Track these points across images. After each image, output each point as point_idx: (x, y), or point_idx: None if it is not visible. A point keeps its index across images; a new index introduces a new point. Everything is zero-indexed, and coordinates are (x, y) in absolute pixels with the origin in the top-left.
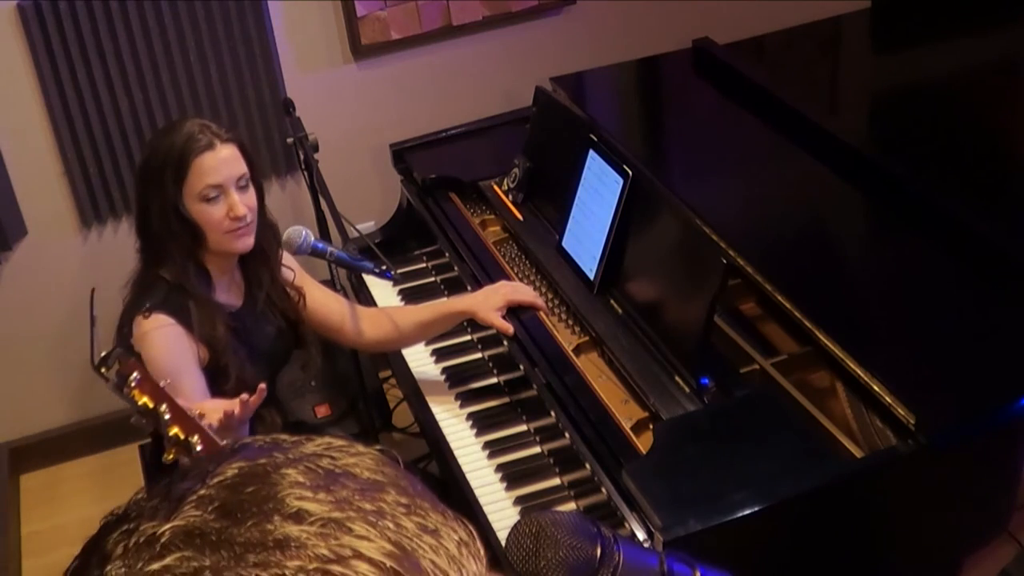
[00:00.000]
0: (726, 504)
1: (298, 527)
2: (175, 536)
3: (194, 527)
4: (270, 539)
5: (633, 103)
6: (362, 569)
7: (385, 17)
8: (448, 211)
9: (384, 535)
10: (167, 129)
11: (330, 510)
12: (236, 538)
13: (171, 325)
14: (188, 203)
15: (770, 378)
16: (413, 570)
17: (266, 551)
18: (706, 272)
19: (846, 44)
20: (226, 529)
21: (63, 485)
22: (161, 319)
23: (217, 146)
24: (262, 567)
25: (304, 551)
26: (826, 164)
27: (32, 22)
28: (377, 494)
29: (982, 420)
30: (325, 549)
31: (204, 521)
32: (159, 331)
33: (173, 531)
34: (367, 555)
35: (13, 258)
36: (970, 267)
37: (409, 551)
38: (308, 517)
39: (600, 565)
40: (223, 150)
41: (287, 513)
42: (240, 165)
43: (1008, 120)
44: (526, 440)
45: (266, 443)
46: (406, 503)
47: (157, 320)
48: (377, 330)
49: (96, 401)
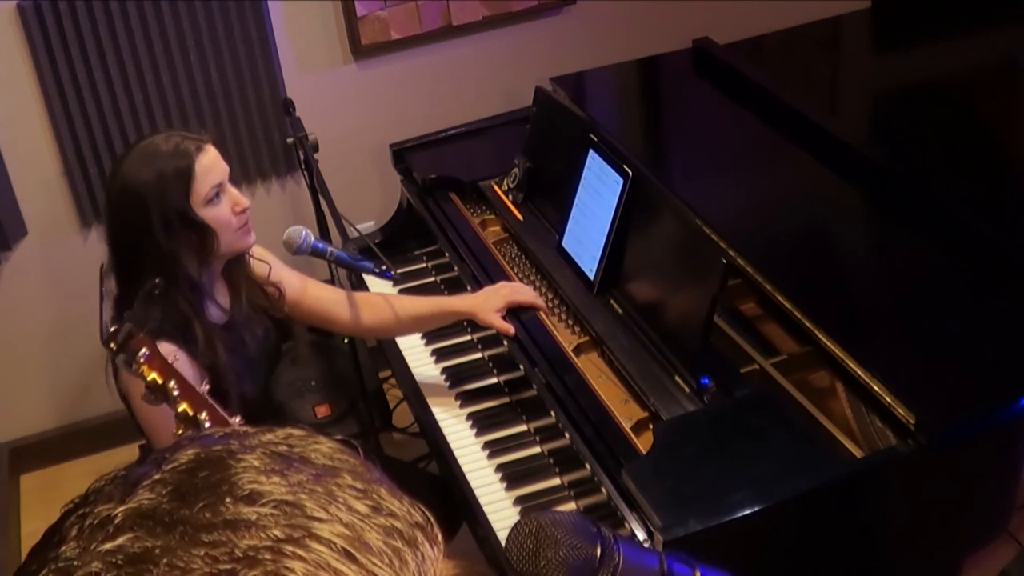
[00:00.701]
0: (726, 504)
1: (250, 508)
2: (128, 517)
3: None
4: (221, 519)
5: (633, 103)
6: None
7: (385, 17)
8: (448, 211)
9: (336, 517)
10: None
11: (283, 492)
12: (188, 519)
13: (176, 351)
14: (197, 211)
15: (770, 378)
16: (364, 550)
17: (217, 531)
18: (706, 272)
19: (846, 44)
20: (178, 510)
21: (63, 485)
22: (168, 348)
23: (204, 148)
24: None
25: (256, 531)
26: (826, 164)
27: (32, 22)
28: (331, 479)
29: (982, 420)
30: (277, 529)
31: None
32: None
33: (126, 513)
34: (319, 534)
35: (13, 258)
36: (970, 267)
37: (360, 531)
38: (260, 499)
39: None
40: (210, 150)
41: (240, 495)
42: (224, 161)
43: (1008, 120)
44: (526, 440)
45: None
46: (361, 487)
47: (164, 349)
48: (374, 316)
49: (96, 401)
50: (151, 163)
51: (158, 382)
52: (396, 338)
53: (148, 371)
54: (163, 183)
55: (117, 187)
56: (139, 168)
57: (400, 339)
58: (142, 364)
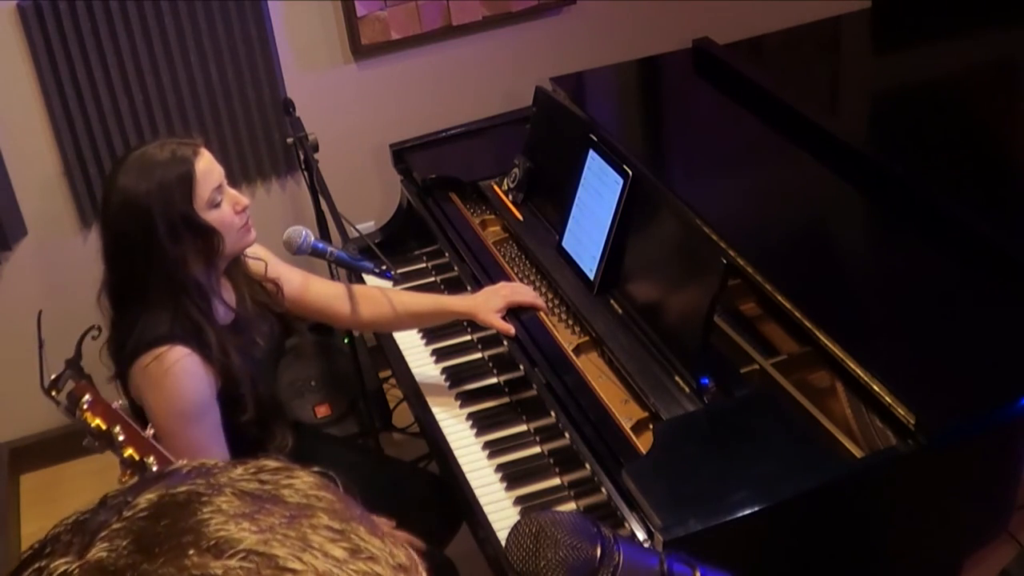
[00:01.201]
0: (726, 504)
1: (217, 561)
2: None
3: (106, 564)
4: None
5: (633, 103)
6: None
7: (385, 17)
8: (448, 211)
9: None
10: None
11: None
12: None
13: (191, 355)
14: (202, 214)
15: (770, 378)
16: None
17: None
18: (706, 272)
19: (846, 44)
20: (139, 565)
21: (63, 485)
22: (180, 350)
23: (199, 152)
24: None
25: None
26: (826, 164)
27: (32, 22)
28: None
29: (982, 420)
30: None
31: (116, 556)
32: (183, 362)
33: (83, 568)
34: None
35: (13, 258)
36: (970, 267)
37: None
38: (229, 549)
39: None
40: (204, 153)
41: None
42: (217, 163)
43: (1008, 120)
44: (526, 440)
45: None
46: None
47: (177, 351)
48: (373, 310)
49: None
50: (150, 173)
51: (102, 428)
52: (396, 339)
53: (92, 417)
54: (166, 191)
55: (117, 201)
56: (138, 180)
57: (400, 339)
58: (85, 411)
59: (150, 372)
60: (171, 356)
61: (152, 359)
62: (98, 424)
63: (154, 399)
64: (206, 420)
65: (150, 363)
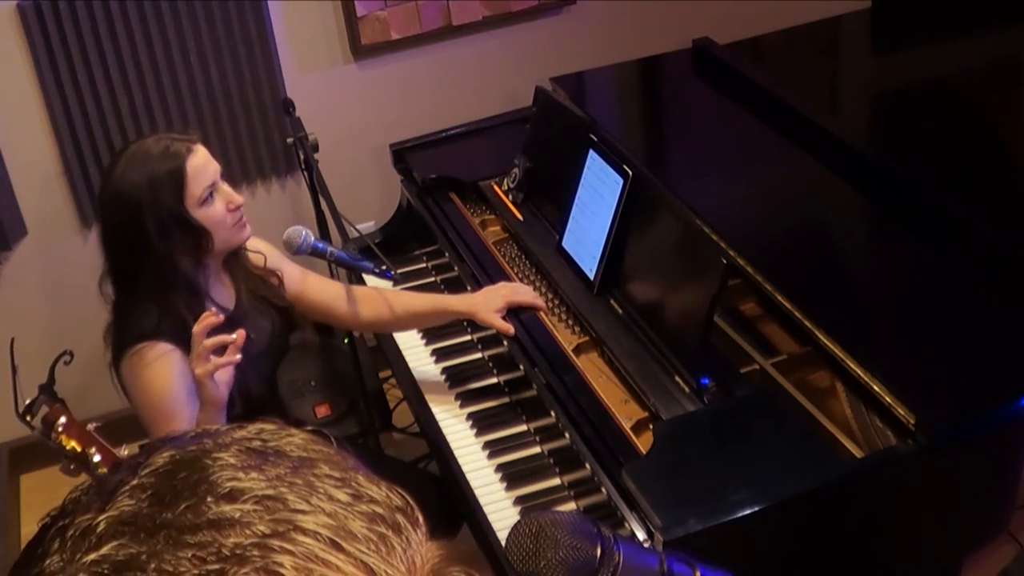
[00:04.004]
0: (726, 504)
1: (232, 506)
2: (110, 526)
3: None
4: (205, 519)
5: (633, 103)
6: (300, 540)
7: (385, 17)
8: (448, 211)
9: (319, 507)
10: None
11: (263, 487)
12: (171, 522)
13: (172, 351)
14: (192, 211)
15: (770, 378)
16: (350, 538)
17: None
18: (706, 272)
19: (846, 44)
20: (160, 514)
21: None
22: (163, 347)
23: (194, 148)
24: (199, 547)
25: (240, 528)
26: (826, 164)
27: (32, 22)
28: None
29: (982, 420)
30: (262, 525)
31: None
32: (163, 359)
33: (108, 521)
34: (303, 526)
35: (13, 258)
36: (970, 267)
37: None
38: (241, 496)
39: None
40: (200, 150)
41: (220, 494)
42: (214, 160)
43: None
44: (526, 440)
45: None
46: (338, 476)
47: (158, 348)
48: (373, 310)
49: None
50: (142, 166)
51: (77, 450)
52: (396, 339)
53: (67, 440)
54: (155, 186)
55: (109, 193)
56: (130, 172)
57: (400, 339)
58: (60, 433)
59: (132, 366)
60: (153, 352)
61: (134, 353)
62: (73, 446)
63: (134, 392)
64: (186, 413)
65: (133, 357)
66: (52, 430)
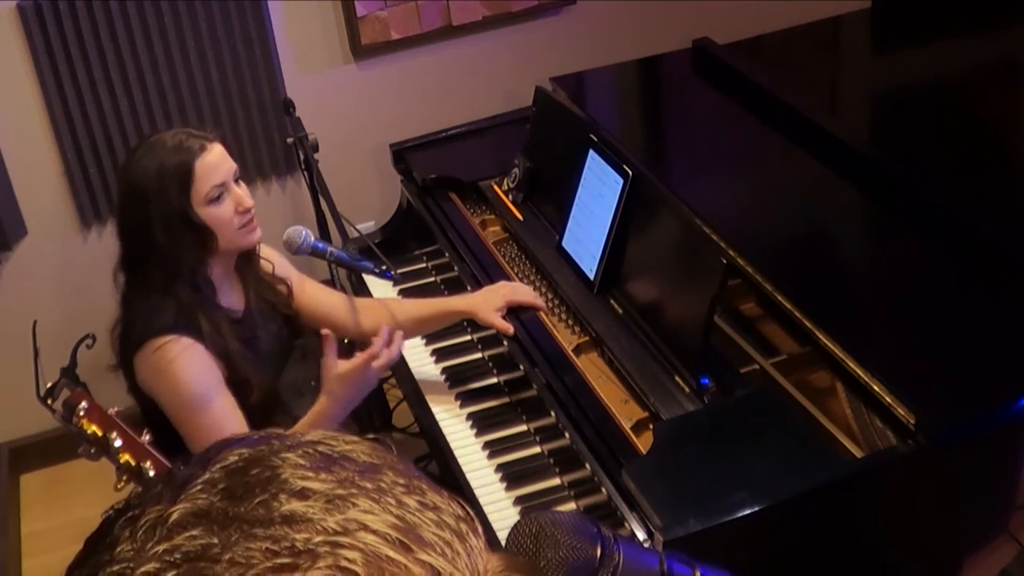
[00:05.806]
0: (726, 504)
1: (303, 503)
2: (183, 517)
3: (201, 508)
4: (277, 515)
5: (633, 103)
6: (368, 540)
7: (385, 17)
8: (448, 211)
9: (387, 510)
10: (146, 150)
11: (333, 488)
12: (243, 516)
13: (194, 345)
14: (197, 209)
15: (770, 378)
16: (417, 542)
17: (274, 526)
18: (706, 272)
19: (846, 44)
20: (232, 508)
21: (63, 485)
22: (184, 341)
23: (208, 147)
24: (270, 540)
25: (311, 525)
26: (826, 164)
27: (32, 22)
28: (376, 475)
29: (982, 420)
30: (331, 523)
31: (210, 502)
32: (186, 352)
33: (181, 512)
34: (372, 527)
35: (13, 258)
36: (970, 267)
37: (412, 524)
38: (312, 494)
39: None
40: (215, 149)
41: (292, 491)
42: (231, 160)
43: (1008, 120)
44: (526, 440)
45: (264, 434)
46: (404, 483)
47: (181, 343)
48: (374, 321)
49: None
50: (153, 157)
51: (98, 434)
52: None
53: (88, 424)
54: (163, 177)
55: (124, 180)
56: (144, 160)
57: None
58: (82, 418)
59: (155, 362)
60: (177, 346)
61: (156, 349)
62: (94, 431)
63: (163, 389)
64: (216, 404)
65: (155, 353)
66: (73, 414)
